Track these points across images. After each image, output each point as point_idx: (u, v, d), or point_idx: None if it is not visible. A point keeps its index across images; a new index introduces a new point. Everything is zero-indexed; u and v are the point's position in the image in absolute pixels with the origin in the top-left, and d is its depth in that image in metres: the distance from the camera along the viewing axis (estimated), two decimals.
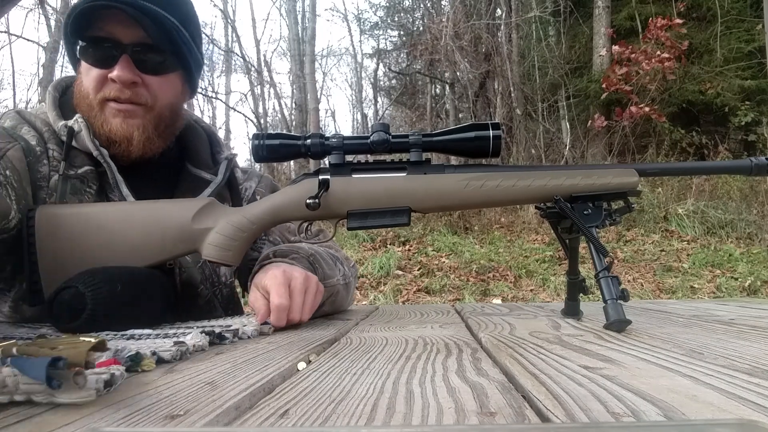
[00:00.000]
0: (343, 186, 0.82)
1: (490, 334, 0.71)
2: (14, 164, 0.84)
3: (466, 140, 0.82)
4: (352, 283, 1.11)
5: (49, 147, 0.90)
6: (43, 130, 0.91)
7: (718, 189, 6.09)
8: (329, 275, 0.97)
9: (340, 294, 1.04)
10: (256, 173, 1.17)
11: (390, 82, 12.09)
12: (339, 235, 5.91)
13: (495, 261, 5.15)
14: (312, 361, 0.55)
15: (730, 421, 0.30)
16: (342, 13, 18.92)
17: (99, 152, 0.90)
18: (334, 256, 1.06)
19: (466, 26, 7.87)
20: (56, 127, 0.91)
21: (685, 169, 0.94)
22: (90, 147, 0.90)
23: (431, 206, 0.84)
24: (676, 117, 7.34)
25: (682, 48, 6.48)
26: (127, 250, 0.81)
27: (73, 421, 0.33)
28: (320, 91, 12.75)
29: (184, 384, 0.43)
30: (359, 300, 4.51)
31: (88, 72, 0.91)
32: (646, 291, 4.47)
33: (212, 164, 1.06)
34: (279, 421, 0.33)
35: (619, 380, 0.42)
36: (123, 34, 0.89)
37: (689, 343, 0.61)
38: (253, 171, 1.18)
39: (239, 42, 12.04)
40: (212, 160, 1.07)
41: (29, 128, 0.91)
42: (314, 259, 0.95)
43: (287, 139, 0.83)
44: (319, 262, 0.96)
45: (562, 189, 0.82)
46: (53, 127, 0.92)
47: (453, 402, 0.36)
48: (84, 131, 0.90)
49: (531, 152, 7.54)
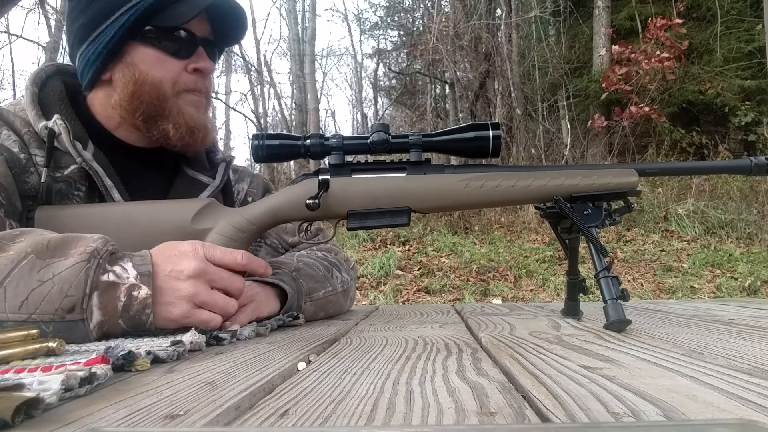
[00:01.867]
0: (343, 186, 0.82)
1: (490, 334, 0.71)
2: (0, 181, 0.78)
3: (466, 140, 0.82)
4: (351, 287, 1.10)
5: (32, 152, 0.85)
6: (22, 131, 0.85)
7: (718, 189, 6.09)
8: (315, 289, 0.96)
9: (338, 303, 1.04)
10: (248, 173, 1.15)
11: (390, 82, 12.09)
12: (339, 235, 5.90)
13: (495, 261, 5.15)
14: (312, 361, 0.55)
15: (730, 421, 0.30)
16: (342, 13, 18.93)
17: (82, 157, 0.85)
18: (332, 262, 1.05)
19: (466, 26, 7.87)
20: (36, 128, 0.85)
21: (684, 169, 0.94)
22: (71, 151, 0.85)
23: (431, 206, 0.84)
24: (676, 117, 7.34)
25: (682, 48, 6.49)
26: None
27: (73, 421, 0.33)
28: (320, 91, 12.77)
29: (184, 384, 0.43)
30: (359, 300, 4.51)
31: (162, 62, 0.89)
32: (646, 291, 4.47)
33: (208, 166, 1.05)
34: (279, 421, 0.33)
35: (619, 380, 0.42)
36: (197, 28, 0.91)
37: (689, 343, 0.61)
38: (245, 171, 1.15)
39: (239, 42, 12.03)
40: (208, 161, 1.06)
41: (8, 131, 0.85)
42: (298, 274, 0.94)
43: (287, 139, 0.83)
44: (304, 277, 0.94)
45: (562, 189, 0.82)
46: (33, 127, 0.86)
47: (453, 402, 0.36)
48: (64, 134, 0.84)
49: (531, 152, 7.54)
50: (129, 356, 0.49)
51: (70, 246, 0.64)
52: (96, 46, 0.88)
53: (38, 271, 0.61)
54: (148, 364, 0.50)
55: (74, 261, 0.62)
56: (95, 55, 0.88)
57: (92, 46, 0.88)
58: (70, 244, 0.64)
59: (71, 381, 0.38)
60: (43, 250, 0.63)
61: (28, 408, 0.32)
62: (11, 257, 0.62)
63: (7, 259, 0.62)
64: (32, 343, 0.51)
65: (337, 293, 1.02)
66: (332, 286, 1.01)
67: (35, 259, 0.62)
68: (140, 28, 0.87)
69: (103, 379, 0.42)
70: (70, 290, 0.60)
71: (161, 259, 0.68)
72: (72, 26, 0.91)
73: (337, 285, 1.03)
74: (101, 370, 0.42)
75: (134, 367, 0.49)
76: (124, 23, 0.86)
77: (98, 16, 0.87)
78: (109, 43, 0.87)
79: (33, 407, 0.32)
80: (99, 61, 0.88)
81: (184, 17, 0.87)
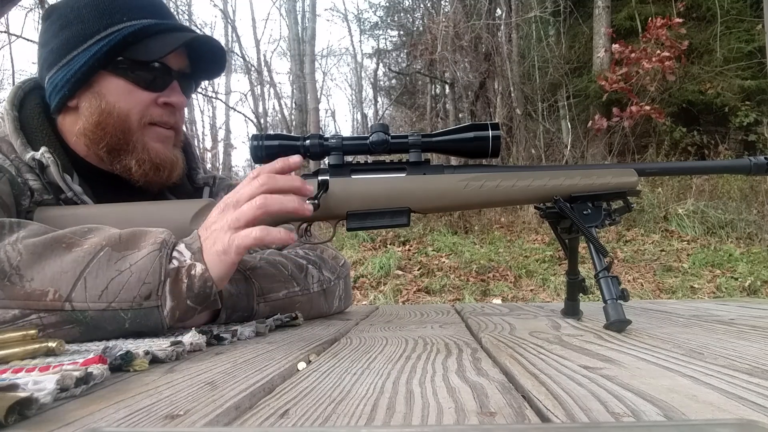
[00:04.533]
0: (343, 187, 0.82)
1: (490, 334, 0.71)
2: (3, 199, 0.78)
3: (466, 140, 0.82)
4: (336, 287, 1.05)
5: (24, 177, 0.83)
6: (11, 157, 0.84)
7: (718, 189, 6.09)
8: (272, 289, 0.91)
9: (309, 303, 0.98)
10: (225, 184, 1.07)
11: (390, 82, 12.10)
12: (339, 236, 5.91)
13: (495, 261, 5.15)
14: (312, 361, 0.55)
15: (730, 421, 0.30)
16: (342, 13, 18.95)
17: (72, 191, 0.85)
18: (312, 261, 1.01)
19: (466, 26, 7.87)
20: (24, 158, 0.83)
21: (684, 169, 0.94)
22: (60, 184, 0.84)
23: (431, 207, 0.84)
24: (676, 117, 7.33)
25: (682, 48, 6.48)
26: None
27: (73, 421, 0.33)
28: (320, 91, 12.77)
29: (184, 384, 0.43)
30: (359, 300, 4.51)
31: (131, 93, 0.87)
32: (646, 291, 4.47)
33: (191, 188, 1.02)
34: (279, 421, 0.33)
35: (619, 380, 0.42)
36: (173, 61, 0.90)
37: (689, 343, 0.61)
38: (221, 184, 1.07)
39: (239, 42, 12.05)
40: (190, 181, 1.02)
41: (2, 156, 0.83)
42: (252, 273, 0.89)
43: (286, 140, 0.83)
44: (259, 276, 0.90)
45: (562, 189, 0.82)
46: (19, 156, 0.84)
47: (453, 402, 0.36)
48: (52, 166, 0.83)
49: (531, 152, 7.54)
50: (127, 356, 0.49)
51: (140, 239, 0.68)
52: (65, 72, 0.86)
53: (115, 263, 0.65)
54: (146, 364, 0.50)
55: (148, 251, 0.66)
56: (63, 81, 0.87)
57: (61, 71, 0.87)
58: (140, 237, 0.68)
59: (67, 381, 0.38)
60: (116, 243, 0.67)
61: (22, 408, 0.32)
62: (87, 250, 0.65)
63: (83, 251, 0.65)
64: (32, 344, 0.51)
65: (309, 293, 0.97)
66: (301, 287, 0.96)
67: (111, 251, 0.65)
68: (113, 59, 0.86)
69: (99, 379, 0.42)
70: (147, 278, 0.65)
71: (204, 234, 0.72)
72: (42, 49, 0.90)
73: (311, 285, 0.98)
74: (98, 370, 0.42)
75: (132, 368, 0.49)
76: (96, 52, 0.85)
77: (70, 43, 0.86)
78: (78, 71, 0.86)
79: (26, 407, 0.32)
80: (67, 88, 0.87)
81: (160, 53, 0.86)
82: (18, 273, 0.62)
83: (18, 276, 0.62)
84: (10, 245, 0.63)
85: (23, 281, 0.62)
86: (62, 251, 0.64)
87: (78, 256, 0.64)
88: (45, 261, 0.63)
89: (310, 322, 0.94)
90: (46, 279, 0.62)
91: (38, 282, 0.62)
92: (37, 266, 0.63)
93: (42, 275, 0.62)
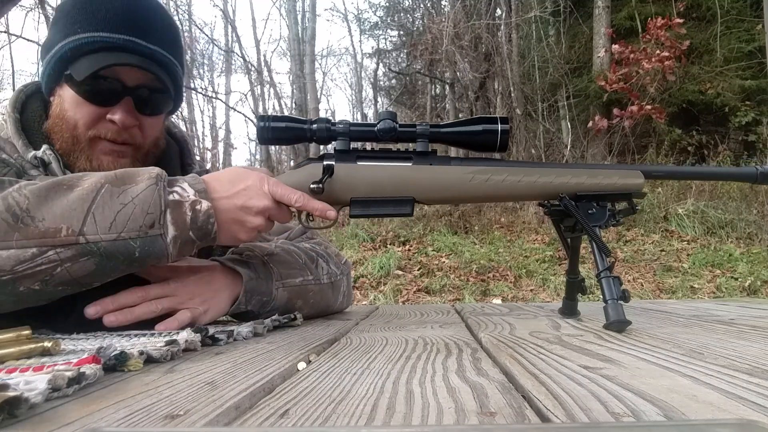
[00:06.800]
0: (348, 172, 0.81)
1: (490, 334, 0.71)
2: None
3: (474, 133, 0.82)
4: (342, 282, 1.06)
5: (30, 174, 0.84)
6: (14, 156, 0.85)
7: (718, 189, 6.09)
8: (290, 275, 0.92)
9: (321, 294, 0.99)
10: None
11: (390, 82, 12.09)
12: (339, 236, 5.92)
13: (495, 261, 5.15)
14: (312, 361, 0.55)
15: (730, 421, 0.30)
16: (342, 13, 18.91)
17: None
18: (319, 254, 1.02)
19: (466, 26, 7.87)
20: (26, 158, 0.85)
21: (691, 174, 0.94)
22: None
23: (435, 198, 0.84)
24: (676, 117, 7.33)
25: (682, 48, 6.48)
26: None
27: (73, 421, 0.33)
28: (320, 91, 12.77)
29: (184, 384, 0.43)
30: (359, 300, 4.51)
31: (80, 105, 0.85)
32: (646, 291, 4.47)
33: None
34: (279, 421, 0.33)
35: (619, 380, 0.42)
36: (128, 77, 0.86)
37: (689, 343, 0.61)
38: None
39: (239, 42, 12.07)
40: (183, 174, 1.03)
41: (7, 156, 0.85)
42: (270, 259, 0.91)
43: (293, 122, 0.83)
44: (276, 262, 0.91)
45: (568, 187, 0.82)
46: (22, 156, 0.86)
47: (453, 402, 0.36)
48: (54, 163, 0.85)
49: (531, 152, 7.54)
50: (121, 356, 0.48)
51: (135, 174, 0.72)
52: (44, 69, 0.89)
53: (118, 197, 0.69)
54: (140, 364, 0.50)
55: (146, 185, 0.70)
56: (44, 78, 0.89)
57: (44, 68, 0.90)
58: (135, 173, 0.72)
59: (58, 381, 0.38)
60: (114, 180, 0.70)
61: (11, 407, 0.32)
62: (88, 188, 0.69)
63: (85, 190, 0.69)
64: (27, 343, 0.51)
65: (321, 284, 0.98)
66: (314, 276, 0.97)
67: (111, 188, 0.69)
68: (63, 71, 0.86)
69: (92, 379, 0.41)
70: (149, 208, 0.69)
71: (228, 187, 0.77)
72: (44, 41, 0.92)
73: (321, 275, 0.99)
74: (90, 370, 0.41)
75: (127, 368, 0.48)
76: (54, 62, 0.86)
77: (46, 45, 0.88)
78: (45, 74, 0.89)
79: (15, 407, 0.32)
80: (44, 83, 0.89)
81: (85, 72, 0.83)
82: (29, 215, 0.66)
83: (30, 218, 0.66)
84: (15, 191, 0.67)
85: (35, 222, 0.65)
86: (65, 191, 0.68)
87: (82, 194, 0.68)
88: (51, 201, 0.67)
89: (310, 322, 0.94)
90: (56, 217, 0.66)
91: (50, 221, 0.66)
92: (45, 207, 0.66)
93: (52, 214, 0.66)
